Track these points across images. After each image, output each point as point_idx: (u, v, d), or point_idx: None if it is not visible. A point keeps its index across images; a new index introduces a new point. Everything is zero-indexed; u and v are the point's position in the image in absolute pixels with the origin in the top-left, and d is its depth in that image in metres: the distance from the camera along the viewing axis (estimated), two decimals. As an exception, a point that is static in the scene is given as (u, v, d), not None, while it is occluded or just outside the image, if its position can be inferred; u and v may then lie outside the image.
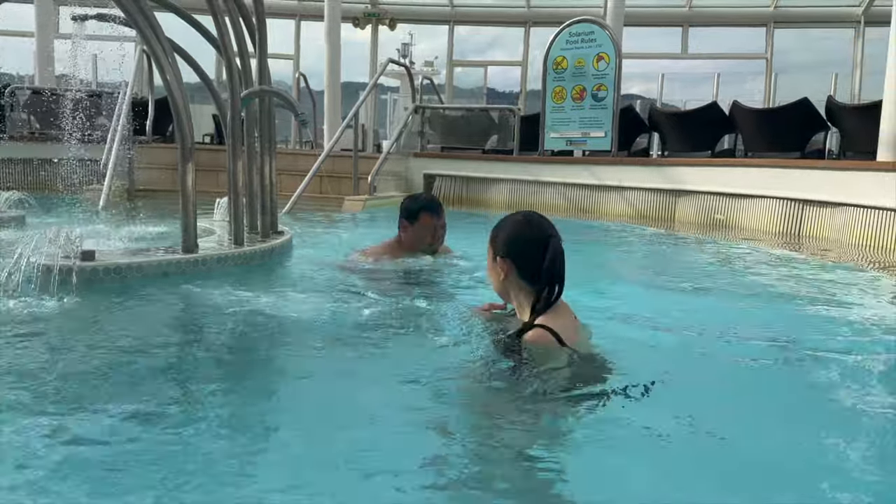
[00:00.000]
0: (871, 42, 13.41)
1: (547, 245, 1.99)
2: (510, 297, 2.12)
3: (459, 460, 1.54)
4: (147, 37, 3.23)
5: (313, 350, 2.37)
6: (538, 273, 1.99)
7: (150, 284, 3.05)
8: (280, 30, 15.35)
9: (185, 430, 1.62)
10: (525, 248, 2.03)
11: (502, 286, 2.11)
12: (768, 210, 6.36)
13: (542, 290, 2.00)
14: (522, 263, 2.03)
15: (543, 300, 1.99)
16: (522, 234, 2.06)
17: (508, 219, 2.14)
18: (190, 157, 3.33)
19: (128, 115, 7.77)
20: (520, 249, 2.04)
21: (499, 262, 2.07)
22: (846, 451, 1.59)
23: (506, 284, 2.08)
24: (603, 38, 7.94)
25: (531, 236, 2.04)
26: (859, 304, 3.28)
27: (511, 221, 2.12)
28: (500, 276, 2.08)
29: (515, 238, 2.06)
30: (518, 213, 2.17)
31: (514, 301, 2.12)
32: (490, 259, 2.11)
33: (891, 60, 5.79)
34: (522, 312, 2.07)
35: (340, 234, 5.68)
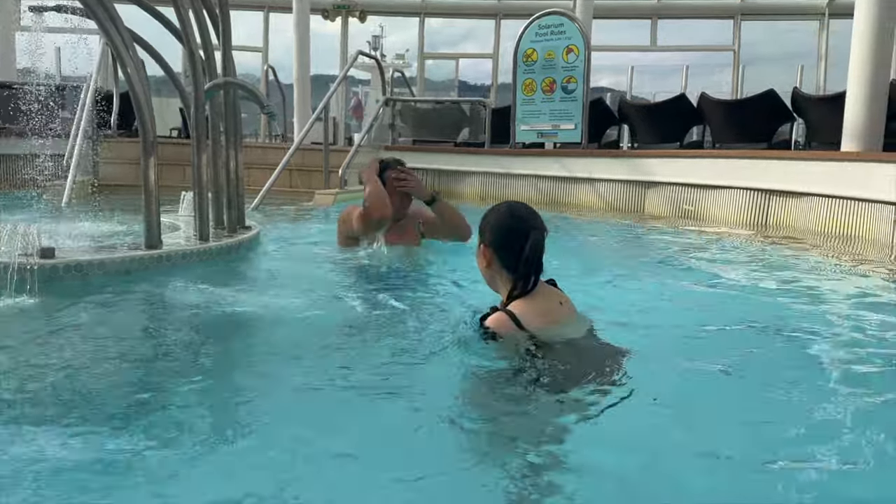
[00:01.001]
0: (836, 34, 13.61)
1: (528, 236, 2.07)
2: (495, 282, 2.21)
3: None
4: (106, 28, 3.15)
5: (279, 347, 2.33)
6: (517, 262, 2.07)
7: (112, 282, 2.99)
8: (248, 22, 15.15)
9: (149, 432, 1.59)
10: (506, 239, 2.11)
11: (487, 272, 2.21)
12: (736, 200, 6.43)
13: (520, 278, 2.08)
14: (503, 253, 2.12)
15: (519, 287, 2.08)
16: (505, 224, 2.15)
17: (495, 209, 2.22)
18: (152, 152, 3.27)
19: (91, 108, 7.61)
20: (502, 239, 2.13)
21: (482, 250, 2.17)
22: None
23: (489, 271, 2.19)
24: (572, 30, 7.95)
25: (513, 227, 2.12)
26: (824, 290, 3.33)
27: (496, 212, 2.20)
28: (484, 264, 2.18)
29: (498, 228, 2.15)
30: (504, 203, 2.25)
31: (498, 286, 2.20)
32: (478, 246, 2.22)
33: (854, 52, 5.88)
34: (504, 297, 2.16)
35: (311, 228, 5.63)
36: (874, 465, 1.50)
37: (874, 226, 5.10)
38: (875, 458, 1.53)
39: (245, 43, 15.41)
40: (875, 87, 5.76)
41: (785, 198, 6.02)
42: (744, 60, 14.29)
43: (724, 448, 1.57)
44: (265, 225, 4.95)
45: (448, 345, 2.23)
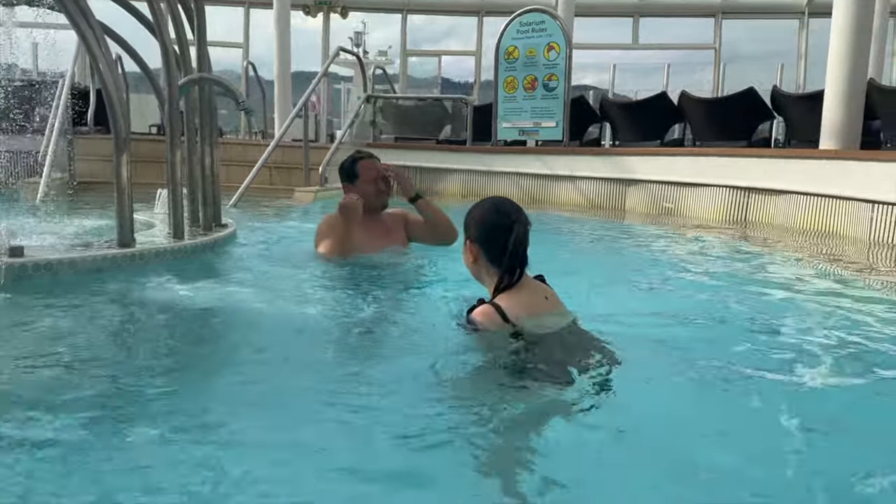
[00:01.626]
0: (815, 33, 13.74)
1: (511, 230, 2.10)
2: (481, 276, 2.24)
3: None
4: (77, 22, 3.09)
5: (252, 347, 2.30)
6: (502, 255, 2.11)
7: (84, 281, 2.93)
8: (229, 17, 15.03)
9: (118, 432, 1.56)
10: (491, 233, 2.15)
11: (473, 267, 2.24)
12: (716, 198, 6.46)
13: (506, 272, 2.12)
14: (489, 247, 2.15)
15: (505, 280, 2.12)
16: (489, 219, 2.19)
17: (479, 205, 2.25)
18: (125, 148, 3.21)
19: (67, 105, 7.51)
20: (486, 234, 2.16)
21: (468, 245, 2.21)
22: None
23: (476, 266, 2.22)
24: (553, 27, 7.94)
25: (497, 222, 2.15)
26: (803, 288, 3.34)
27: (480, 207, 2.24)
28: (471, 259, 2.22)
29: (482, 223, 2.19)
30: (488, 199, 2.30)
31: (484, 280, 2.24)
32: (464, 242, 2.25)
33: (832, 51, 5.91)
34: (490, 291, 2.20)
35: (290, 226, 5.57)
36: (854, 463, 1.50)
37: (852, 223, 5.14)
38: (855, 456, 1.54)
39: (226, 39, 15.29)
40: (853, 86, 5.80)
41: (764, 195, 6.05)
42: (725, 58, 14.39)
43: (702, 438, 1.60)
44: (243, 223, 4.89)
45: (432, 339, 2.24)
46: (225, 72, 16.08)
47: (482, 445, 1.55)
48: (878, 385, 2.01)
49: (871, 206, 4.93)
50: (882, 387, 2.01)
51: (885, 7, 10.94)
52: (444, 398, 1.81)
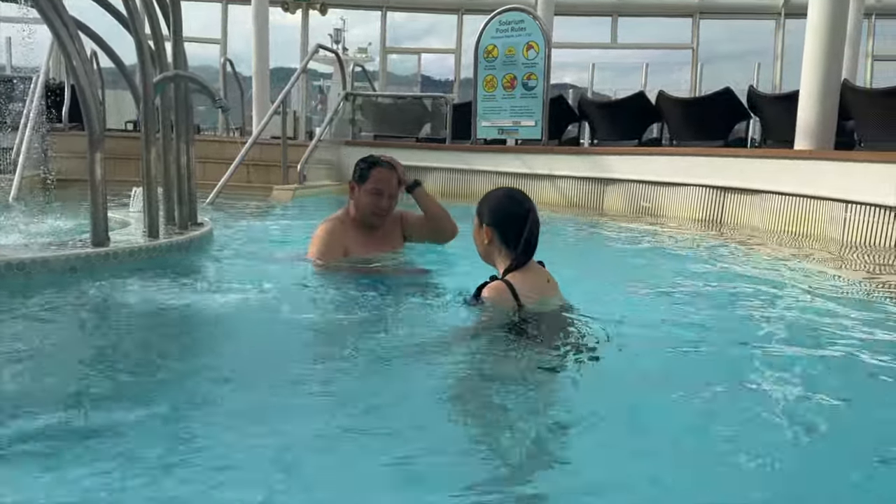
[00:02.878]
0: (792, 33, 13.90)
1: (527, 217, 2.37)
2: (492, 257, 2.44)
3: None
4: (48, 16, 3.04)
5: (226, 346, 2.29)
6: (517, 239, 2.35)
7: (57, 281, 2.89)
8: (207, 13, 14.89)
9: (90, 434, 1.54)
10: (507, 218, 2.38)
11: (486, 249, 2.44)
12: (692, 197, 6.52)
13: (521, 253, 2.36)
14: (504, 230, 2.37)
15: (518, 261, 2.36)
16: (505, 206, 2.42)
17: (492, 193, 2.49)
18: (99, 146, 3.17)
19: (41, 101, 7.39)
20: (502, 219, 2.39)
21: (485, 229, 2.40)
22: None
23: (489, 247, 2.42)
24: (532, 26, 7.96)
25: (513, 209, 2.41)
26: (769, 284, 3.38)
27: (494, 195, 2.48)
28: (485, 241, 2.41)
29: (499, 209, 2.42)
30: (500, 188, 2.55)
31: (494, 263, 2.44)
32: (476, 226, 2.44)
33: (807, 51, 5.99)
34: (500, 271, 2.40)
35: (267, 225, 5.54)
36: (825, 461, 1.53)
37: (826, 223, 5.21)
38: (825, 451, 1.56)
39: (204, 35, 15.15)
40: (827, 87, 5.87)
41: (740, 195, 6.12)
42: (702, 58, 14.52)
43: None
44: (219, 221, 4.85)
45: (413, 332, 2.33)
46: (203, 68, 15.95)
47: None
48: (851, 380, 2.05)
49: (845, 205, 5.01)
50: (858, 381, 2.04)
51: (859, 8, 11.11)
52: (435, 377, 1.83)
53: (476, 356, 2.11)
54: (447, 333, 2.37)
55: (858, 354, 2.27)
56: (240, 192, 7.51)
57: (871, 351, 2.30)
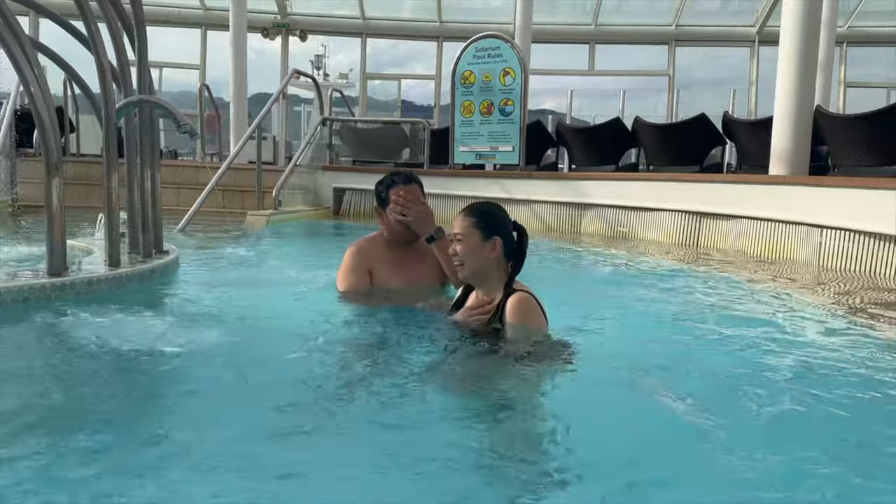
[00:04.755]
0: (766, 60, 14.12)
1: (524, 230, 2.50)
2: (484, 274, 2.46)
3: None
4: (5, 40, 2.95)
5: (188, 384, 2.17)
6: (521, 251, 2.47)
7: (9, 312, 2.77)
8: (187, 39, 14.86)
9: (44, 472, 1.46)
10: (507, 230, 2.47)
11: (487, 262, 2.44)
12: (669, 222, 6.50)
13: (514, 266, 2.46)
14: (508, 243, 2.45)
15: (514, 272, 2.46)
16: (503, 218, 2.51)
17: (487, 205, 2.58)
18: (56, 172, 3.08)
19: (10, 126, 7.27)
20: (505, 230, 2.46)
21: (493, 241, 2.44)
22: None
23: (493, 260, 2.44)
24: (508, 53, 7.98)
25: (508, 220, 2.51)
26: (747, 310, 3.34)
27: (494, 209, 2.54)
28: (494, 254, 2.43)
29: (501, 220, 2.49)
30: (487, 202, 2.62)
31: (487, 277, 2.47)
32: (478, 239, 2.44)
33: (780, 79, 6.03)
34: (493, 287, 2.46)
35: (239, 252, 5.43)
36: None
37: (800, 247, 5.21)
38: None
39: (184, 60, 15.11)
40: (800, 112, 5.92)
41: (716, 220, 6.11)
42: (679, 84, 14.71)
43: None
44: (189, 248, 4.75)
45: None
46: (180, 94, 15.87)
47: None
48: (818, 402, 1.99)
49: (820, 230, 5.00)
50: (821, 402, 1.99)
51: (830, 37, 11.29)
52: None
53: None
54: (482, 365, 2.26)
55: (823, 373, 2.24)
56: (214, 217, 7.40)
57: (835, 370, 2.28)
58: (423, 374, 2.16)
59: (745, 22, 14.37)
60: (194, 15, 14.51)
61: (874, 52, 14.85)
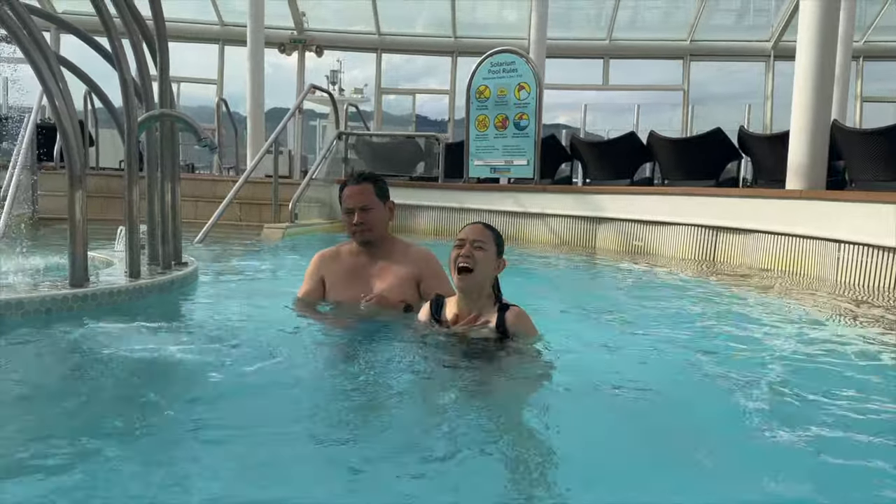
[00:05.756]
0: (782, 74, 14.09)
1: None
2: (483, 286, 2.55)
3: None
4: (31, 55, 3.01)
5: (205, 395, 2.18)
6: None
7: (32, 323, 2.81)
8: (205, 54, 15.04)
9: (57, 483, 1.46)
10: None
11: (490, 278, 2.56)
12: (685, 237, 6.48)
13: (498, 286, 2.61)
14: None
15: (498, 291, 2.61)
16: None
17: (494, 229, 2.65)
18: (79, 185, 3.13)
19: (32, 139, 7.38)
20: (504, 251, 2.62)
21: (502, 260, 2.59)
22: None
23: (492, 277, 2.56)
24: (523, 68, 8.02)
25: None
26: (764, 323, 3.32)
27: (496, 231, 2.63)
28: (496, 270, 2.57)
29: (503, 245, 2.62)
30: (481, 223, 2.68)
31: (482, 292, 2.56)
32: (493, 254, 2.54)
33: (796, 93, 6.02)
34: (482, 302, 2.55)
35: (256, 264, 5.47)
36: None
37: (818, 263, 5.17)
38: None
39: (202, 75, 15.28)
40: (817, 127, 5.90)
41: (732, 234, 6.09)
42: (693, 99, 14.69)
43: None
44: (207, 260, 4.79)
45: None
46: (200, 108, 16.04)
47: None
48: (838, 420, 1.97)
49: (838, 245, 4.97)
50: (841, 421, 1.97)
51: (847, 52, 11.26)
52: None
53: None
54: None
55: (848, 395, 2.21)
56: (231, 230, 7.47)
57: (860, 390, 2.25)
58: (466, 391, 2.16)
59: (761, 37, 14.37)
60: (212, 30, 14.70)
61: (891, 67, 14.77)
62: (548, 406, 2.04)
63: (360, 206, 2.98)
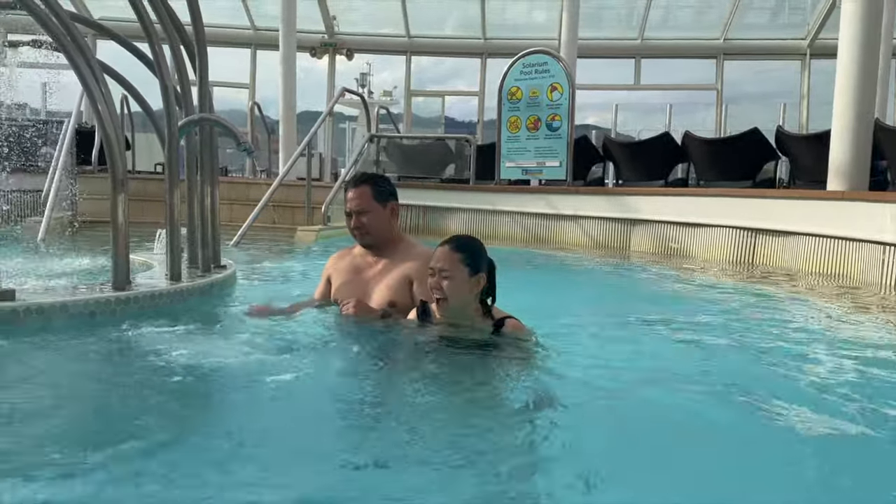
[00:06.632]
0: (818, 73, 13.82)
1: (490, 262, 2.53)
2: (468, 305, 2.49)
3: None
4: (75, 61, 3.06)
5: (245, 399, 2.19)
6: (492, 284, 2.54)
7: (76, 325, 2.84)
8: (238, 59, 15.21)
9: (110, 488, 1.47)
10: (487, 264, 2.51)
11: (469, 297, 2.48)
12: (722, 239, 6.38)
13: (486, 299, 2.53)
14: (491, 276, 2.51)
15: (491, 304, 2.53)
16: (484, 252, 2.53)
17: (474, 241, 2.57)
18: (122, 188, 3.16)
19: (71, 144, 7.52)
20: (485, 265, 2.50)
21: (478, 277, 2.47)
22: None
23: (471, 297, 2.48)
24: (556, 68, 7.97)
25: (486, 253, 2.54)
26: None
27: (477, 241, 2.56)
28: (477, 290, 2.48)
29: (483, 256, 2.51)
30: (467, 235, 2.64)
31: (465, 311, 2.50)
32: (465, 276, 2.45)
33: (838, 91, 5.89)
34: (472, 318, 2.50)
35: (291, 266, 5.50)
36: None
37: (862, 265, 5.05)
38: None
39: (234, 80, 15.45)
40: (859, 126, 5.76)
41: (772, 237, 5.97)
42: (727, 99, 14.46)
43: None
44: (243, 263, 4.83)
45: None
46: (232, 112, 16.23)
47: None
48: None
49: (883, 248, 4.84)
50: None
51: (888, 49, 11.00)
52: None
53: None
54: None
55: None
56: (265, 232, 7.53)
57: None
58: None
59: (796, 35, 14.10)
60: (244, 35, 14.86)
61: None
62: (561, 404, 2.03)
63: (357, 209, 2.97)
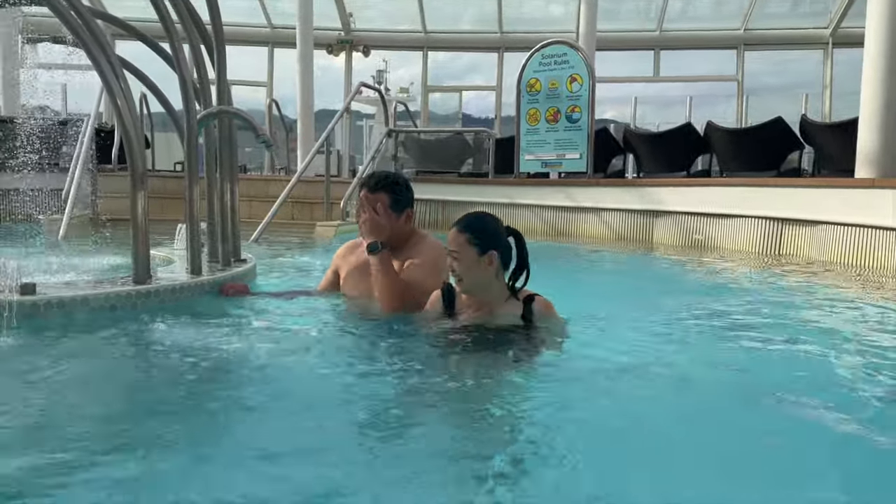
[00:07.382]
0: (840, 63, 13.59)
1: (523, 237, 2.49)
2: (485, 286, 2.46)
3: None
4: (96, 59, 3.04)
5: (267, 392, 2.17)
6: (522, 259, 2.47)
7: (98, 319, 2.83)
8: (255, 57, 15.24)
9: (133, 481, 1.46)
10: (502, 241, 2.45)
11: (486, 276, 2.44)
12: (747, 229, 6.27)
13: (516, 274, 2.45)
14: (505, 255, 2.45)
15: (522, 279, 2.45)
16: (497, 229, 2.49)
17: (481, 217, 2.54)
18: (141, 184, 3.15)
19: (91, 142, 7.56)
20: (500, 242, 2.44)
21: (487, 256, 2.42)
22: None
23: (488, 273, 2.43)
24: (576, 59, 7.88)
25: (502, 229, 2.50)
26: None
27: (488, 218, 2.53)
28: (492, 269, 2.43)
29: (494, 233, 2.47)
30: (480, 212, 2.59)
31: (488, 289, 2.47)
32: (474, 255, 2.42)
33: (866, 79, 5.77)
34: (496, 297, 2.47)
35: (310, 261, 5.49)
36: None
37: (893, 254, 4.93)
38: None
39: (251, 77, 15.49)
40: (889, 112, 5.65)
41: (799, 226, 5.85)
42: (747, 90, 14.26)
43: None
44: (263, 258, 4.81)
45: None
46: (250, 110, 16.27)
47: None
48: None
49: (915, 235, 4.73)
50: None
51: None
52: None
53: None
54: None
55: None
56: (284, 228, 7.53)
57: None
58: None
59: (818, 24, 13.87)
60: (262, 33, 14.88)
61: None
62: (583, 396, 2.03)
63: (367, 207, 2.89)
